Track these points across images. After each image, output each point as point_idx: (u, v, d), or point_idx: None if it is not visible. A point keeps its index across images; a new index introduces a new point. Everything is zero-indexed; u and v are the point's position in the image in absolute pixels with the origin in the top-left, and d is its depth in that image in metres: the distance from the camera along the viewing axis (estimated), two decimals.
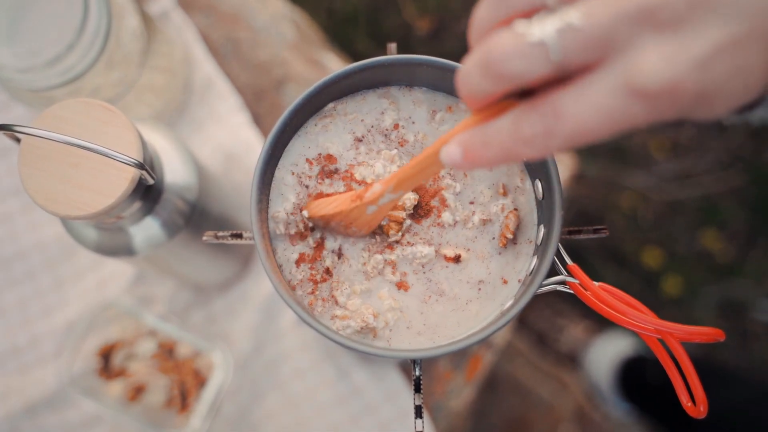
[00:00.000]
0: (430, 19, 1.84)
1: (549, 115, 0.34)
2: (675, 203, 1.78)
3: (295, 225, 0.54)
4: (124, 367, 0.88)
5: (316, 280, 0.54)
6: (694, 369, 0.44)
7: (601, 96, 0.33)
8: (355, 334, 0.52)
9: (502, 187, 0.54)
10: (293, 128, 0.54)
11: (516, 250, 0.54)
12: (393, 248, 0.54)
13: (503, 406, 1.60)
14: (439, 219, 0.54)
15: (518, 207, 0.54)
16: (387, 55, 0.53)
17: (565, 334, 1.73)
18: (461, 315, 0.53)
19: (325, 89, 0.52)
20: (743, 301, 1.72)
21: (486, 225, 0.54)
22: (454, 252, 0.53)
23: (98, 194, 0.54)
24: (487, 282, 0.53)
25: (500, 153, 0.36)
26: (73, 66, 0.71)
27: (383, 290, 0.53)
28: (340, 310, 0.53)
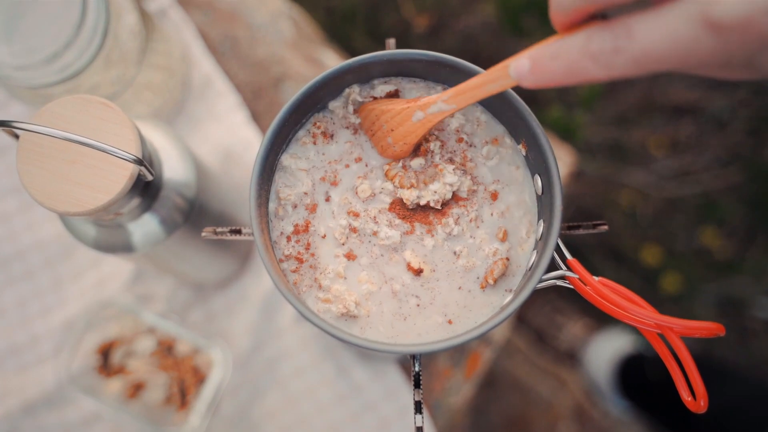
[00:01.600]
0: (428, 16, 1.84)
1: (621, 34, 0.35)
2: (674, 200, 1.78)
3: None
4: (123, 365, 0.88)
5: (301, 258, 0.54)
6: (694, 363, 0.44)
7: (675, 22, 0.34)
8: (335, 319, 0.52)
9: (503, 232, 0.54)
10: (292, 124, 0.54)
11: (493, 291, 0.53)
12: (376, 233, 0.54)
13: (502, 404, 1.60)
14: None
15: (510, 258, 0.53)
16: (386, 51, 0.53)
17: (564, 331, 1.73)
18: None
19: (324, 86, 0.52)
20: (742, 298, 1.72)
21: (469, 271, 0.54)
22: (419, 264, 0.53)
23: (97, 191, 0.54)
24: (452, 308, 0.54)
25: (566, 66, 0.38)
26: (71, 63, 0.70)
27: (362, 273, 0.53)
28: (323, 293, 0.53)
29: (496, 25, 1.83)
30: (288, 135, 0.55)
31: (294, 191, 0.55)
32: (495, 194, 0.54)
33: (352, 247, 0.54)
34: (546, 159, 0.50)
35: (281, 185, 0.55)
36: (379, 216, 0.54)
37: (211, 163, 0.92)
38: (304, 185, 0.55)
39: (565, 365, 1.69)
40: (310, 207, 0.55)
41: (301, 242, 0.54)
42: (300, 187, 0.55)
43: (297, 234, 0.54)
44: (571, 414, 1.62)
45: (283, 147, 0.55)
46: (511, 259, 0.53)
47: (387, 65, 0.54)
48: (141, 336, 0.89)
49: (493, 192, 0.54)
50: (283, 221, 0.54)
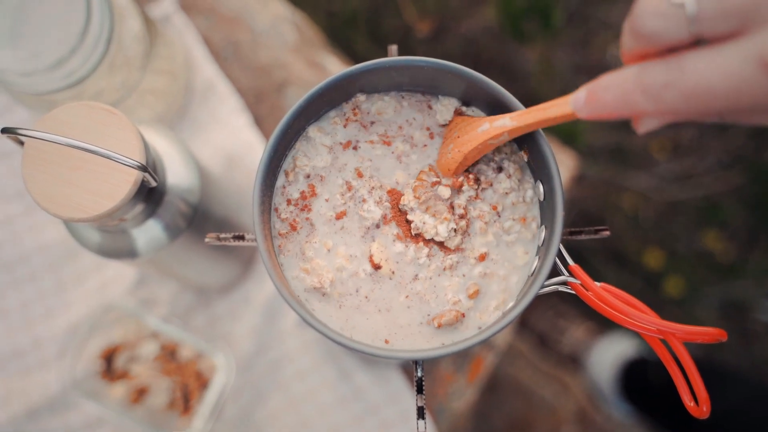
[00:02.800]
0: (429, 20, 1.84)
1: (673, 68, 0.35)
2: (676, 203, 1.78)
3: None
4: (126, 370, 0.88)
5: (295, 226, 0.54)
6: (697, 369, 0.44)
7: (730, 60, 0.33)
8: (307, 291, 0.53)
9: (475, 291, 0.53)
10: (295, 130, 0.54)
11: (432, 331, 0.53)
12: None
13: (505, 408, 1.60)
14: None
15: (466, 315, 0.53)
16: (389, 57, 0.53)
17: (566, 335, 1.73)
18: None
19: (329, 90, 0.52)
20: (744, 301, 1.72)
21: (422, 300, 0.54)
22: (380, 260, 0.54)
23: (101, 197, 0.55)
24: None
25: (618, 97, 0.38)
26: (75, 70, 0.71)
27: (341, 248, 0.54)
28: (305, 262, 0.54)
29: (497, 29, 1.83)
30: (291, 141, 0.55)
31: (311, 163, 0.55)
32: (483, 256, 0.54)
33: (347, 209, 0.55)
34: (548, 166, 0.50)
35: (301, 153, 0.55)
36: (375, 191, 0.55)
37: (213, 168, 0.92)
38: (323, 160, 0.55)
39: (567, 369, 1.69)
40: (321, 178, 0.55)
41: (299, 205, 0.55)
42: (318, 160, 0.55)
43: (303, 199, 0.55)
44: (574, 418, 1.62)
45: (286, 153, 0.55)
46: (467, 316, 0.53)
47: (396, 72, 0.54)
48: (144, 341, 0.89)
49: (482, 254, 0.54)
50: (291, 187, 0.55)
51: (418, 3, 1.85)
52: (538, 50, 1.83)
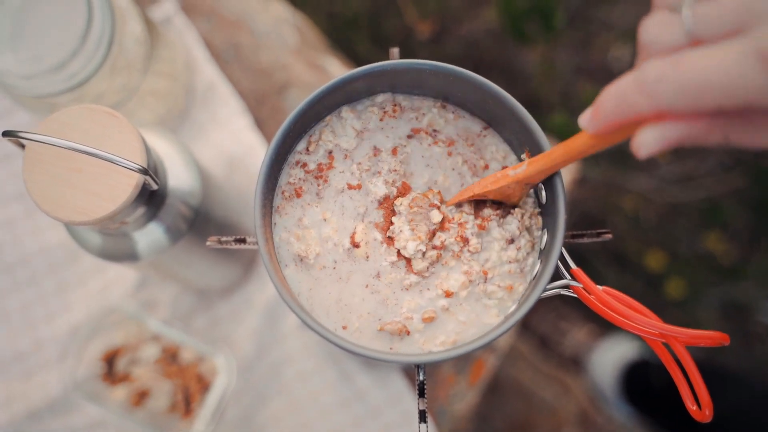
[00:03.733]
0: (431, 22, 1.84)
1: (669, 63, 0.35)
2: (677, 205, 1.78)
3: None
4: (127, 372, 0.88)
5: (300, 193, 0.55)
6: (699, 373, 0.44)
7: (726, 54, 0.33)
8: (290, 256, 0.53)
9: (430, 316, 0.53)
10: (297, 132, 0.54)
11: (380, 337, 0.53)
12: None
13: (506, 410, 1.60)
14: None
15: (411, 333, 0.53)
16: (390, 60, 0.53)
17: (568, 337, 1.73)
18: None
19: (331, 93, 0.52)
20: (746, 303, 1.72)
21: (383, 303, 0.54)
22: (361, 240, 0.54)
23: (102, 200, 0.55)
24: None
25: (617, 101, 0.38)
26: (76, 72, 0.71)
27: (335, 219, 0.55)
28: (299, 228, 0.54)
29: (498, 31, 1.83)
30: (292, 144, 0.55)
31: (336, 141, 0.56)
32: (450, 294, 0.53)
33: (361, 181, 0.55)
34: None
35: (328, 129, 0.56)
36: (392, 174, 0.55)
37: (214, 170, 0.92)
38: (349, 143, 0.56)
39: (569, 371, 1.68)
40: (345, 155, 0.56)
41: (313, 174, 0.55)
42: (344, 142, 0.56)
43: (320, 171, 0.55)
44: (576, 420, 1.62)
45: (287, 156, 0.55)
46: (411, 335, 0.53)
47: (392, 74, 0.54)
48: (145, 343, 0.89)
49: (451, 293, 0.54)
50: (309, 156, 0.56)
51: (419, 5, 1.85)
52: (540, 52, 1.83)
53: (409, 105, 0.57)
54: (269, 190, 0.53)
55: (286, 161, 0.55)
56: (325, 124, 0.56)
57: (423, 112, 0.57)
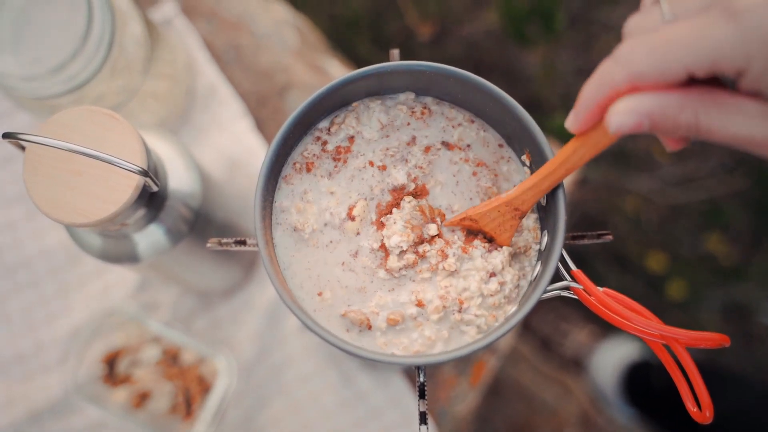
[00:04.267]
0: (431, 23, 1.84)
1: (643, 36, 0.38)
2: (679, 207, 1.78)
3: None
4: (128, 374, 0.88)
5: (310, 167, 0.55)
6: (700, 374, 0.44)
7: (694, 20, 0.37)
8: (287, 229, 0.54)
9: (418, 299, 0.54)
10: (297, 134, 0.54)
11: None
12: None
13: (507, 411, 1.60)
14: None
15: (372, 326, 0.53)
16: (390, 62, 0.53)
17: (569, 338, 1.72)
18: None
19: (328, 96, 0.52)
20: (748, 305, 1.72)
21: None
22: (357, 214, 0.55)
23: (102, 201, 0.55)
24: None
25: (595, 82, 0.41)
26: (77, 74, 0.71)
27: (340, 192, 0.55)
28: (302, 202, 0.55)
29: (499, 32, 1.83)
30: (293, 146, 0.55)
31: (359, 128, 0.56)
32: (422, 304, 0.53)
33: (386, 164, 0.56)
34: None
35: (353, 115, 0.56)
36: (416, 171, 0.56)
37: (215, 172, 0.92)
38: (371, 134, 0.56)
39: (570, 372, 1.68)
40: (367, 141, 0.56)
41: (330, 154, 0.56)
42: (367, 131, 0.56)
43: (338, 153, 0.56)
44: (577, 421, 1.62)
45: (287, 158, 0.55)
46: (373, 329, 0.53)
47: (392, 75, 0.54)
48: (146, 345, 0.89)
49: (422, 303, 0.53)
50: (330, 136, 0.56)
51: (420, 6, 1.85)
52: (541, 53, 1.83)
53: (439, 111, 0.57)
54: (269, 192, 0.52)
55: (302, 140, 0.56)
56: (351, 110, 0.56)
57: (453, 124, 0.57)
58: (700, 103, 0.38)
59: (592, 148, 0.45)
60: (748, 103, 0.37)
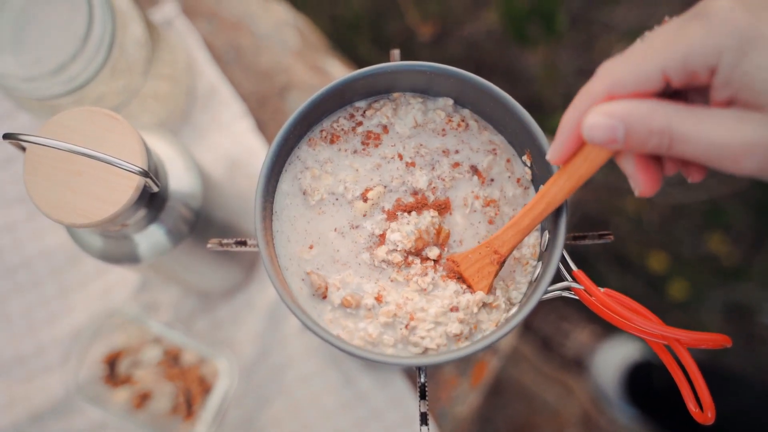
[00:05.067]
0: (432, 24, 1.84)
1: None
2: (680, 207, 1.77)
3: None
4: (129, 375, 0.88)
5: (335, 139, 0.56)
6: (701, 375, 0.44)
7: (669, 26, 0.39)
8: (295, 184, 0.55)
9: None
10: (297, 135, 0.54)
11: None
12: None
13: (508, 412, 1.59)
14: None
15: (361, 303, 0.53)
16: (390, 62, 0.53)
17: (570, 338, 1.72)
18: None
19: (331, 95, 0.52)
20: (749, 305, 1.72)
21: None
22: (373, 196, 0.55)
23: (103, 202, 0.55)
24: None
25: (573, 103, 0.42)
26: (77, 74, 0.71)
27: (362, 171, 0.55)
28: (320, 170, 0.55)
29: (500, 33, 1.83)
30: (293, 146, 0.55)
31: (394, 120, 0.56)
32: (399, 306, 0.53)
33: (415, 160, 0.56)
34: (551, 170, 0.50)
35: (391, 105, 0.56)
36: (437, 179, 0.56)
37: (216, 173, 0.92)
38: (403, 129, 0.56)
39: (571, 372, 1.68)
40: (401, 138, 0.56)
41: (361, 137, 0.56)
42: (399, 126, 0.56)
43: (368, 138, 0.56)
44: (578, 421, 1.62)
45: (288, 158, 0.55)
46: (328, 296, 0.53)
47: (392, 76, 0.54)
48: (147, 346, 0.89)
49: (400, 306, 0.53)
50: (364, 119, 0.56)
51: (421, 6, 1.85)
52: (542, 54, 1.83)
53: (475, 128, 0.57)
54: (269, 193, 0.52)
55: (318, 125, 0.56)
56: (392, 99, 0.56)
57: (487, 149, 0.56)
58: (674, 110, 0.38)
59: (571, 177, 0.45)
60: (721, 110, 0.38)
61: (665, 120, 0.38)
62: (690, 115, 0.38)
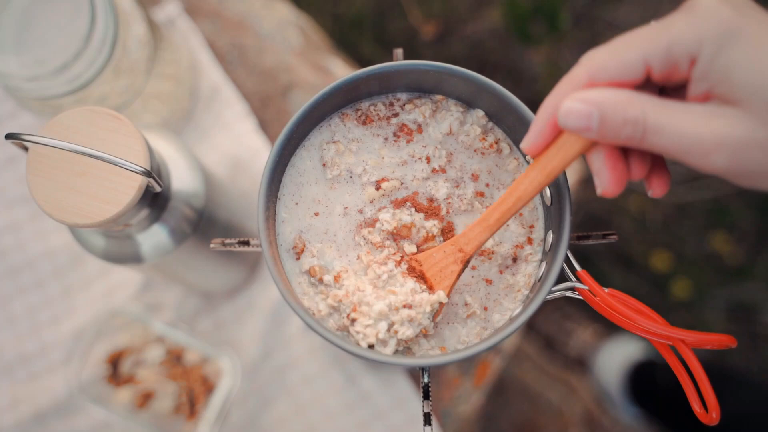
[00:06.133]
0: (435, 23, 1.84)
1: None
2: (684, 206, 1.77)
3: None
4: (132, 374, 0.88)
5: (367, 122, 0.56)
6: (706, 375, 0.44)
7: (655, 24, 0.40)
8: (318, 156, 0.55)
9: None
10: (300, 135, 0.54)
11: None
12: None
13: (512, 411, 1.59)
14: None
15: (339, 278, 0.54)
16: (394, 61, 0.52)
17: (573, 337, 1.72)
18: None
19: (332, 96, 0.52)
20: (753, 304, 1.71)
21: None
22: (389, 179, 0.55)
23: (106, 202, 0.54)
24: None
25: (554, 92, 0.42)
26: (80, 74, 0.71)
27: (387, 159, 0.56)
28: (345, 147, 0.56)
29: (503, 31, 1.83)
30: (297, 145, 0.55)
31: (428, 121, 0.56)
32: (337, 278, 0.54)
33: (443, 167, 0.56)
34: None
35: (430, 107, 0.56)
36: (456, 196, 0.56)
37: (219, 173, 0.92)
38: (436, 135, 0.56)
39: (575, 372, 1.68)
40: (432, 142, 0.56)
41: (394, 128, 0.57)
42: (433, 130, 0.56)
43: (401, 130, 0.56)
44: (581, 421, 1.62)
45: (290, 158, 0.55)
46: (323, 279, 0.53)
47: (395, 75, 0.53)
48: (150, 345, 0.89)
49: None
50: (402, 110, 0.56)
51: (424, 5, 1.84)
52: (545, 52, 1.82)
53: (507, 150, 0.56)
54: (272, 193, 0.52)
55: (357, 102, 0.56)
56: (434, 101, 0.56)
57: (506, 185, 0.56)
58: (649, 101, 0.39)
59: (543, 169, 0.45)
60: (696, 105, 0.38)
61: (640, 110, 0.38)
62: (665, 107, 0.38)
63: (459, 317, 0.54)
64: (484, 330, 0.53)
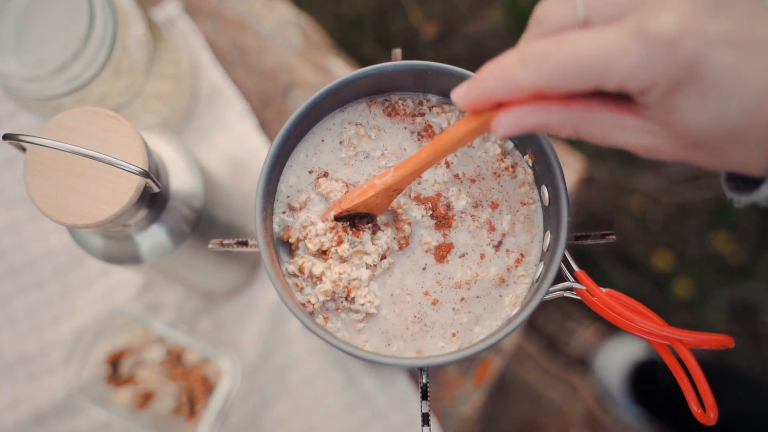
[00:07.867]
0: (436, 22, 1.84)
1: (553, 42, 0.36)
2: (685, 205, 1.77)
3: None
4: (132, 375, 0.88)
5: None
6: (704, 375, 0.44)
7: (608, 34, 0.35)
8: (333, 134, 0.55)
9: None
10: (298, 135, 0.54)
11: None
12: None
13: (513, 411, 1.59)
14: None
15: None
16: (392, 61, 0.52)
17: (575, 337, 1.72)
18: None
19: (330, 96, 0.52)
20: (754, 304, 1.71)
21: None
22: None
23: (104, 203, 0.54)
24: None
25: (497, 75, 0.39)
26: (79, 74, 0.71)
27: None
28: (366, 132, 0.56)
29: (504, 31, 1.83)
30: (295, 145, 0.55)
31: (439, 121, 0.56)
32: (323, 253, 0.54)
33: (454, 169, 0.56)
34: (552, 170, 0.49)
35: (456, 114, 0.56)
36: (461, 205, 0.55)
37: (218, 173, 0.92)
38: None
39: (576, 371, 1.68)
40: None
41: (419, 126, 0.56)
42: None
43: (426, 131, 0.56)
44: (583, 420, 1.61)
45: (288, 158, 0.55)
46: (300, 246, 0.54)
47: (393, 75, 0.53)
48: (150, 345, 0.89)
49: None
50: (429, 113, 0.56)
51: (424, 5, 1.84)
52: None
53: (522, 174, 0.56)
54: (270, 193, 0.52)
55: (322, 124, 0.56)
56: (461, 112, 0.56)
57: (523, 216, 0.56)
58: (580, 119, 0.38)
59: (475, 129, 0.43)
60: (627, 119, 0.38)
61: (572, 130, 0.39)
62: (596, 124, 0.39)
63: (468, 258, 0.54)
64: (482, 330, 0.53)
